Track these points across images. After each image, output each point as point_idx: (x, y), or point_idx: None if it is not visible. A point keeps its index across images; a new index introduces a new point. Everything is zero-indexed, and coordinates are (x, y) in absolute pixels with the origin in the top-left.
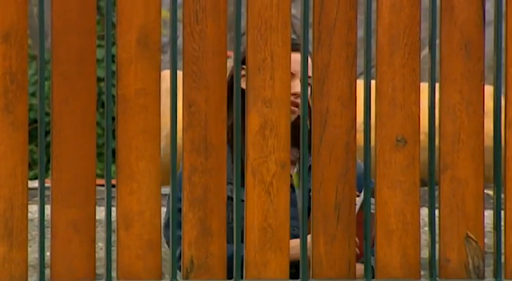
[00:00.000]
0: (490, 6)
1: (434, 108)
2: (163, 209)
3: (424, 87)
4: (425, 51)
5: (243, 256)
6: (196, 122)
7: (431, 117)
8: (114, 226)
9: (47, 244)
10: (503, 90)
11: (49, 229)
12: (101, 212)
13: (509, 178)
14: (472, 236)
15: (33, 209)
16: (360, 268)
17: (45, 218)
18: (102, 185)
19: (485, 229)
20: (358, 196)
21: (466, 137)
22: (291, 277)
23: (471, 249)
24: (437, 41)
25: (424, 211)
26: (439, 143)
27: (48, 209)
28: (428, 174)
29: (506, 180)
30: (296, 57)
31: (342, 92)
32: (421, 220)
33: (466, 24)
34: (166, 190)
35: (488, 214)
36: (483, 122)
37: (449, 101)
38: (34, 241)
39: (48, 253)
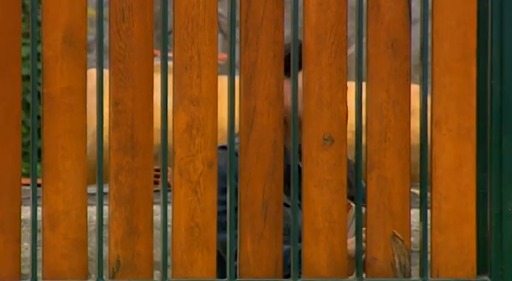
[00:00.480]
0: (416, 5)
1: (361, 107)
2: (90, 209)
3: (351, 86)
4: (352, 50)
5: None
6: (123, 120)
7: (358, 116)
8: (39, 225)
9: None
10: (429, 89)
11: None
12: (26, 212)
13: (435, 177)
14: (398, 235)
15: None
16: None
17: None
18: (28, 185)
19: (412, 228)
20: (351, 206)
21: (393, 136)
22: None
23: (397, 248)
24: (364, 40)
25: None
26: (366, 142)
27: None
28: (355, 173)
29: (433, 179)
30: None
31: (269, 91)
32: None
33: (393, 23)
34: (92, 189)
35: (415, 213)
36: (409, 121)
37: (376, 100)
38: None
39: None
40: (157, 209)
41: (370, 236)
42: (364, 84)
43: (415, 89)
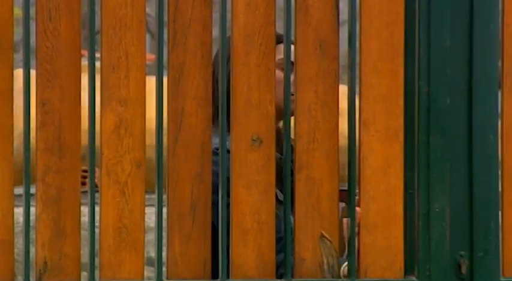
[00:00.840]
0: (344, 6)
1: (289, 108)
2: (16, 210)
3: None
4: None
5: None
6: (50, 121)
7: (287, 117)
8: None
9: None
10: (357, 89)
11: None
12: None
13: (363, 177)
14: (326, 235)
15: None
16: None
17: None
18: None
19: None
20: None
21: (321, 137)
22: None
23: (326, 248)
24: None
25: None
26: (294, 143)
27: None
28: (284, 174)
29: (361, 179)
30: None
31: (197, 92)
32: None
33: (321, 24)
34: (19, 190)
35: None
36: (338, 121)
37: (305, 100)
38: None
39: None
40: (84, 210)
41: (298, 237)
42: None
43: (344, 89)
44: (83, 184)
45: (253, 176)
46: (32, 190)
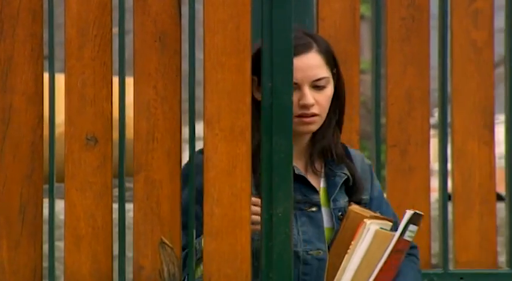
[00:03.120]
0: None
1: (124, 104)
2: None
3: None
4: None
5: None
6: None
7: (122, 115)
8: None
9: None
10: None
11: None
12: None
13: (207, 179)
14: (167, 242)
15: None
16: None
17: None
18: None
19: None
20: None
21: (161, 136)
22: None
23: (166, 255)
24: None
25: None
26: (133, 142)
27: None
28: (119, 175)
29: (204, 181)
30: (310, 62)
31: (26, 87)
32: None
33: (160, 15)
34: None
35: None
36: (180, 119)
37: (143, 97)
38: None
39: None
40: None
41: (136, 243)
42: (131, 80)
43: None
44: None
45: (88, 177)
46: None
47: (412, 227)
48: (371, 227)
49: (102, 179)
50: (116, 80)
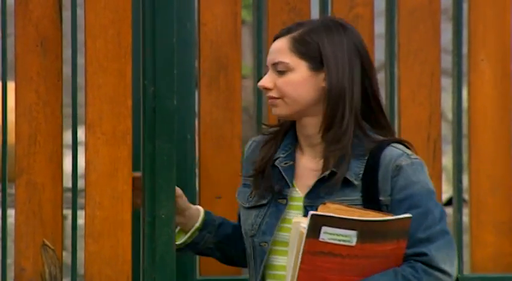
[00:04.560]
0: (67, 1)
1: (6, 107)
2: None
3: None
4: None
5: None
6: None
7: (4, 118)
8: None
9: None
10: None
11: None
12: None
13: (88, 183)
14: (48, 244)
15: None
16: None
17: None
18: None
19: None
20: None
21: (43, 140)
22: None
23: (48, 258)
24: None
25: None
26: (14, 146)
27: None
28: (1, 179)
29: (86, 185)
30: (275, 46)
31: None
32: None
33: (42, 20)
34: None
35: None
36: (61, 123)
37: (25, 101)
38: None
39: None
40: None
41: (18, 245)
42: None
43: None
44: None
45: None
46: None
47: (329, 230)
48: (297, 227)
49: None
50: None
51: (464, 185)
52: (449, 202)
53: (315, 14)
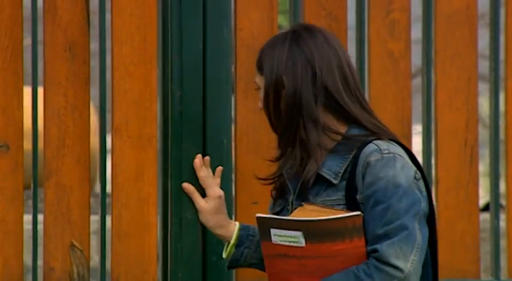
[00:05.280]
0: (95, 7)
1: (37, 112)
2: None
3: (29, 91)
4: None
5: None
6: None
7: (35, 122)
8: None
9: None
10: (110, 94)
11: None
12: None
13: (115, 185)
14: (77, 245)
15: None
16: None
17: None
18: None
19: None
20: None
21: (72, 143)
22: None
23: (76, 258)
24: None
25: (28, 218)
26: (43, 148)
27: None
28: (33, 180)
29: (113, 186)
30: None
31: None
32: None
33: (70, 26)
34: None
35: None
36: (89, 127)
37: (54, 105)
38: None
39: None
40: None
41: (47, 245)
42: (42, 89)
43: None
44: None
45: None
46: None
47: (277, 232)
48: None
49: (14, 185)
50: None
51: (502, 191)
52: (486, 208)
53: (351, 19)
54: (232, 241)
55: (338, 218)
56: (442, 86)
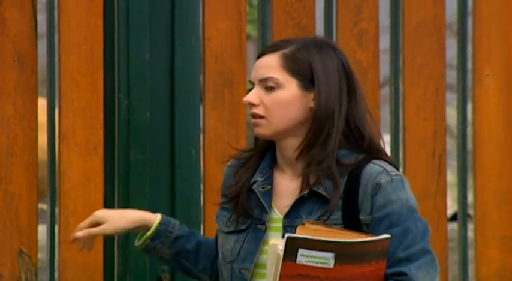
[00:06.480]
0: (43, 19)
1: None
2: None
3: None
4: None
5: None
6: None
7: None
8: None
9: None
10: (56, 102)
11: None
12: None
13: (62, 192)
14: (25, 251)
15: None
16: None
17: None
18: None
19: (40, 244)
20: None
21: (20, 151)
22: None
23: (24, 264)
24: None
25: None
26: None
27: None
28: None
29: (60, 194)
30: (263, 62)
31: None
32: None
33: (19, 36)
34: None
35: (43, 229)
36: (37, 135)
37: (3, 114)
38: None
39: None
40: None
41: None
42: None
43: (42, 103)
44: None
45: None
46: None
47: (305, 252)
48: (275, 249)
49: None
50: None
51: (469, 201)
52: (454, 217)
53: (319, 29)
54: (149, 233)
55: (372, 240)
56: (410, 96)
